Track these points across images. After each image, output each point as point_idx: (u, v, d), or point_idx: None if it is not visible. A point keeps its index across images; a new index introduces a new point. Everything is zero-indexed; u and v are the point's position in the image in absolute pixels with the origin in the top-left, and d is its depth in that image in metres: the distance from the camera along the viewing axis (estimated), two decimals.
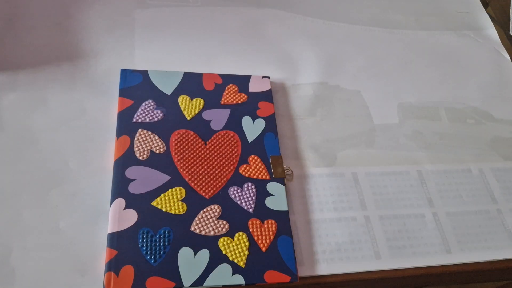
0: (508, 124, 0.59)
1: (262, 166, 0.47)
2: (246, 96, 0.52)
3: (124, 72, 0.50)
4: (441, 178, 0.51)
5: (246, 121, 0.50)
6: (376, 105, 0.57)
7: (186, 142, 0.47)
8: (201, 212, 0.43)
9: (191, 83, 0.51)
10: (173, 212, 0.42)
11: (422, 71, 0.62)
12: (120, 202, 0.41)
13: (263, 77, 0.54)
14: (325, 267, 0.43)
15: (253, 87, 0.53)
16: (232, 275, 0.40)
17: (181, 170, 0.45)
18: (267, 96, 0.52)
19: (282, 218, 0.44)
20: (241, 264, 0.40)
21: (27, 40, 0.53)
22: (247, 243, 0.42)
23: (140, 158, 0.44)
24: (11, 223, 0.40)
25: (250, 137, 0.48)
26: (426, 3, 0.72)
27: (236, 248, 0.41)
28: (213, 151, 0.47)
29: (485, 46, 0.67)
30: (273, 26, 0.62)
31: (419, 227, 0.47)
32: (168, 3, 0.61)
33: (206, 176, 0.45)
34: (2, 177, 0.43)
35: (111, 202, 0.42)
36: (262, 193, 0.45)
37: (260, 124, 0.50)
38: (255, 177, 0.46)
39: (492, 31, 0.70)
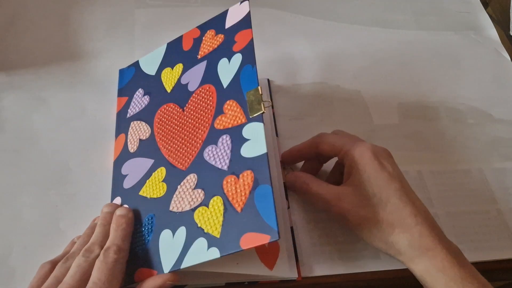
0: (508, 124, 0.58)
1: (238, 109, 0.38)
2: (222, 36, 0.43)
3: (121, 72, 0.50)
4: (441, 178, 0.51)
5: (222, 65, 0.42)
6: (376, 105, 0.57)
7: (167, 117, 0.42)
8: (178, 187, 0.38)
9: (173, 51, 0.47)
10: (155, 196, 0.39)
11: (422, 71, 0.62)
12: (118, 200, 0.41)
13: (241, 2, 0.44)
14: (325, 267, 0.43)
15: (230, 21, 0.44)
16: (208, 249, 0.33)
17: (161, 148, 0.41)
18: (245, 23, 0.42)
19: (260, 164, 0.34)
20: (216, 234, 0.34)
21: (27, 40, 0.53)
22: (221, 208, 0.34)
23: (131, 150, 0.43)
24: (11, 223, 0.40)
25: (225, 82, 0.40)
26: (426, 3, 0.72)
27: (210, 216, 0.35)
28: (190, 115, 0.41)
29: (485, 46, 0.67)
30: (273, 26, 0.62)
31: None
32: (168, 3, 0.61)
33: (183, 146, 0.40)
34: (2, 177, 0.43)
35: (111, 202, 0.42)
36: (237, 143, 0.37)
37: (236, 60, 0.41)
38: (230, 126, 0.38)
39: (492, 31, 0.70)
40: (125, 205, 0.40)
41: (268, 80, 0.54)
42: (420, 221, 0.35)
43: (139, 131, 0.44)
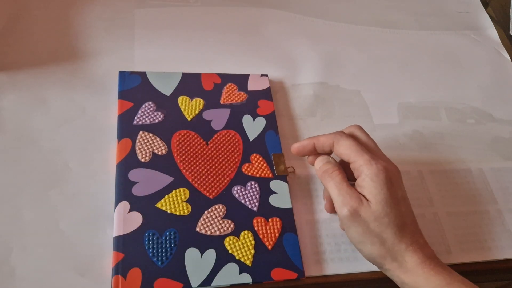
0: (508, 124, 0.59)
1: (265, 165, 0.47)
2: (245, 95, 0.52)
3: (122, 74, 0.50)
4: (441, 178, 0.51)
5: (246, 120, 0.50)
6: (376, 105, 0.57)
7: (188, 143, 0.46)
8: (206, 212, 0.43)
9: (190, 83, 0.51)
10: (177, 213, 0.42)
11: (422, 71, 0.62)
12: (125, 205, 0.41)
13: (262, 75, 0.54)
14: (325, 267, 0.43)
15: (252, 86, 0.53)
16: (240, 274, 0.40)
17: (184, 171, 0.44)
18: (266, 94, 0.52)
19: (287, 216, 0.44)
20: (248, 262, 0.40)
21: (27, 40, 0.53)
22: (253, 242, 0.42)
23: (143, 160, 0.44)
24: (11, 223, 0.40)
25: (251, 136, 0.48)
26: (426, 3, 0.72)
27: (242, 247, 0.41)
28: (215, 151, 0.47)
29: (485, 46, 0.67)
30: (273, 26, 0.62)
31: (419, 227, 0.47)
32: (168, 3, 0.61)
33: (209, 176, 0.45)
34: (2, 177, 0.43)
35: (115, 205, 0.41)
36: (265, 191, 0.45)
37: (261, 122, 0.50)
38: (258, 175, 0.46)
39: (492, 31, 0.70)
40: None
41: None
42: (413, 240, 0.39)
43: (152, 144, 0.45)
